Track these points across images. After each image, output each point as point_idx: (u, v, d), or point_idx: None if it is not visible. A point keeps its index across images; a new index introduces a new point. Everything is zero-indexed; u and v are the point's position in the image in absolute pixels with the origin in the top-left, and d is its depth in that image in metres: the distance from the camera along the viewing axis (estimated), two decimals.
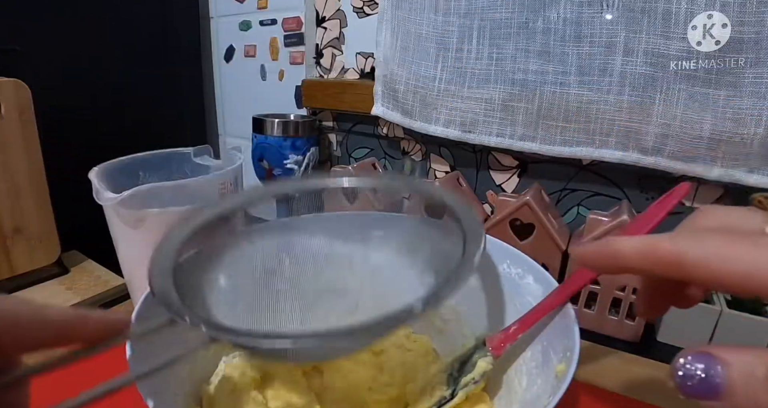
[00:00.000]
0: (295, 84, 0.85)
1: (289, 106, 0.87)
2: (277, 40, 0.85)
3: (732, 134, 0.49)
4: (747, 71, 0.47)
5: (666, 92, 0.51)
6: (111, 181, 0.50)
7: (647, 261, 0.20)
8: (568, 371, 0.29)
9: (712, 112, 0.49)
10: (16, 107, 0.55)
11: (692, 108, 0.50)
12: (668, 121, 0.52)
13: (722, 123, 0.49)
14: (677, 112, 0.51)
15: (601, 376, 0.45)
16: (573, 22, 0.54)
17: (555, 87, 0.57)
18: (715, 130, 0.50)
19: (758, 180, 0.50)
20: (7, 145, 0.55)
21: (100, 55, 0.77)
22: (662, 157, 0.54)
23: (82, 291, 0.57)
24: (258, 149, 0.77)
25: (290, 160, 0.76)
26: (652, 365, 0.47)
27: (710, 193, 0.56)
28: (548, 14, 0.55)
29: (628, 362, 0.48)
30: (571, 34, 0.55)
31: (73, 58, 0.74)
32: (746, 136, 0.48)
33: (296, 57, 0.83)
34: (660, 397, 0.43)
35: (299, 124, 0.76)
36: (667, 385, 0.44)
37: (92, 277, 0.61)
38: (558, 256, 0.54)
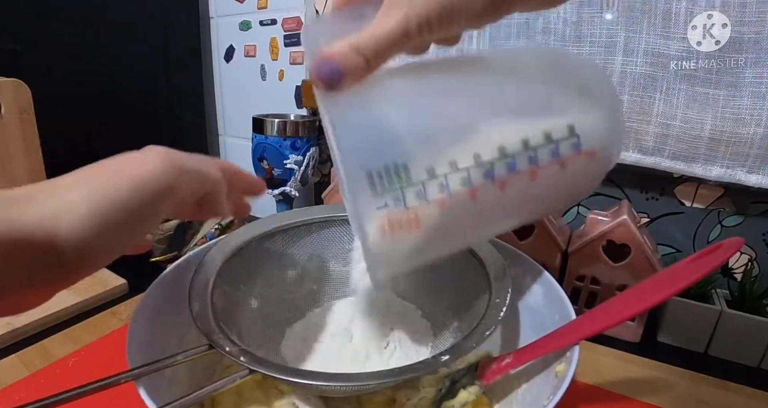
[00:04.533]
0: (295, 84, 0.85)
1: (289, 106, 0.87)
2: (277, 40, 0.85)
3: (732, 134, 0.49)
4: (747, 71, 0.47)
5: (666, 92, 0.51)
6: None
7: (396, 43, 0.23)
8: (568, 371, 0.29)
9: (712, 112, 0.49)
10: (16, 107, 0.55)
11: (692, 108, 0.50)
12: (668, 121, 0.52)
13: (722, 123, 0.49)
14: (677, 112, 0.51)
15: (601, 376, 0.45)
16: (573, 22, 0.54)
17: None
18: (715, 130, 0.50)
19: (758, 180, 0.50)
20: (7, 145, 0.55)
21: (100, 55, 0.77)
22: (662, 157, 0.54)
23: (82, 291, 0.57)
24: (258, 149, 0.77)
25: (290, 160, 0.76)
26: (652, 365, 0.47)
27: (710, 193, 0.56)
28: (548, 14, 0.55)
29: (628, 362, 0.48)
30: (571, 34, 0.55)
31: (73, 58, 0.74)
32: (746, 136, 0.48)
33: (296, 57, 0.83)
34: (660, 397, 0.43)
35: (299, 124, 0.76)
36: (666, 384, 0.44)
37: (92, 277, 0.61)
38: (558, 256, 0.54)
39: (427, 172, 0.24)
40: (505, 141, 0.25)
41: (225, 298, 0.37)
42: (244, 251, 0.40)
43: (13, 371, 0.44)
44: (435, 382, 0.36)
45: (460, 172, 0.24)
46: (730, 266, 0.57)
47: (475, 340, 0.30)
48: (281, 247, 0.43)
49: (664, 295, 0.30)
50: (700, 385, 0.44)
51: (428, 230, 0.25)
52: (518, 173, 0.25)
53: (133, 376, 0.28)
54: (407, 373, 0.28)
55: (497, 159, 0.25)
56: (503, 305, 0.32)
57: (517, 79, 0.28)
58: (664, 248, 0.60)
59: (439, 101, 0.26)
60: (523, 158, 0.25)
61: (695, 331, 0.50)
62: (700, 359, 0.50)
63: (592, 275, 0.53)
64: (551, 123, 0.26)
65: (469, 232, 0.29)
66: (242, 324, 0.39)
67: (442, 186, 0.24)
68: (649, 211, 0.59)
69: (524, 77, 0.28)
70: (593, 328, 0.31)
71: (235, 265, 0.39)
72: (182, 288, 0.34)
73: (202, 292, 0.34)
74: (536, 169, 0.26)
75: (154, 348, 0.33)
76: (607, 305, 0.33)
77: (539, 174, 0.26)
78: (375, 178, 0.23)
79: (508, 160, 0.25)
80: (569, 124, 0.26)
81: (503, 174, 0.25)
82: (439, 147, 0.25)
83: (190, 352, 0.31)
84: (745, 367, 0.48)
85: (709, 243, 0.57)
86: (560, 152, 0.26)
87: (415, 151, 0.24)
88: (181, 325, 0.37)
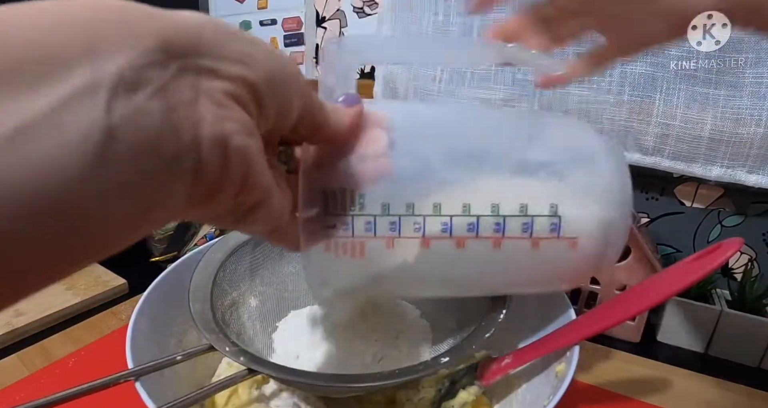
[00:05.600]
0: None
1: None
2: (277, 40, 0.85)
3: (732, 134, 0.49)
4: (747, 71, 0.47)
5: (666, 92, 0.51)
6: None
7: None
8: (568, 371, 0.29)
9: (712, 112, 0.49)
10: None
11: (692, 108, 0.50)
12: (668, 121, 0.52)
13: (722, 123, 0.49)
14: (677, 112, 0.51)
15: (601, 376, 0.45)
16: None
17: (555, 87, 0.57)
18: (715, 130, 0.50)
19: (758, 180, 0.50)
20: None
21: None
22: (662, 157, 0.54)
23: (82, 291, 0.57)
24: None
25: None
26: (652, 365, 0.47)
27: (710, 193, 0.56)
28: None
29: (628, 362, 0.48)
30: None
31: None
32: (746, 136, 0.48)
33: (296, 57, 0.83)
34: (660, 397, 0.43)
35: None
36: (666, 384, 0.44)
37: (92, 277, 0.61)
38: None
39: (381, 207, 0.23)
40: (473, 199, 0.24)
41: (225, 297, 0.37)
42: (243, 251, 0.40)
43: (13, 371, 0.44)
44: (435, 382, 0.36)
45: (415, 217, 0.24)
46: (730, 266, 0.57)
47: (475, 342, 0.30)
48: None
49: (664, 295, 0.30)
50: (700, 385, 0.44)
51: (372, 262, 0.24)
52: (480, 236, 0.24)
53: (133, 376, 0.28)
54: (407, 375, 0.28)
55: (458, 215, 0.24)
56: (503, 306, 0.32)
57: (518, 140, 0.26)
58: (664, 248, 0.60)
59: (425, 138, 0.25)
60: (489, 222, 0.24)
61: (695, 331, 0.50)
62: (700, 359, 0.50)
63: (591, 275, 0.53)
64: (532, 195, 0.24)
65: (418, 279, 0.28)
66: (242, 323, 0.39)
67: (393, 225, 0.24)
68: (649, 211, 0.59)
69: (527, 139, 0.26)
70: (593, 329, 0.31)
71: (234, 264, 0.39)
72: (182, 288, 0.34)
73: (202, 292, 0.34)
74: (500, 237, 0.24)
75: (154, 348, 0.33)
76: (607, 305, 0.33)
77: (504, 243, 0.24)
78: (330, 197, 0.23)
79: (471, 219, 0.24)
80: (553, 202, 0.24)
81: (462, 232, 0.24)
82: (401, 185, 0.24)
83: (190, 352, 0.31)
84: (745, 367, 0.48)
85: (709, 243, 0.57)
86: (534, 229, 0.24)
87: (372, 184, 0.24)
88: (181, 325, 0.37)
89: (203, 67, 0.15)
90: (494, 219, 0.24)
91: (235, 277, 0.39)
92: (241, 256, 0.39)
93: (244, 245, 0.40)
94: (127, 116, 0.12)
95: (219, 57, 0.15)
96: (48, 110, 0.11)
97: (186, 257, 0.41)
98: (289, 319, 0.42)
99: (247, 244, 0.40)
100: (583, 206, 0.25)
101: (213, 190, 0.16)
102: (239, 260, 0.39)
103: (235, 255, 0.39)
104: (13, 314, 0.52)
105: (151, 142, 0.13)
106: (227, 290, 0.38)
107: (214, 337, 0.30)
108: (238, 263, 0.39)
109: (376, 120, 0.24)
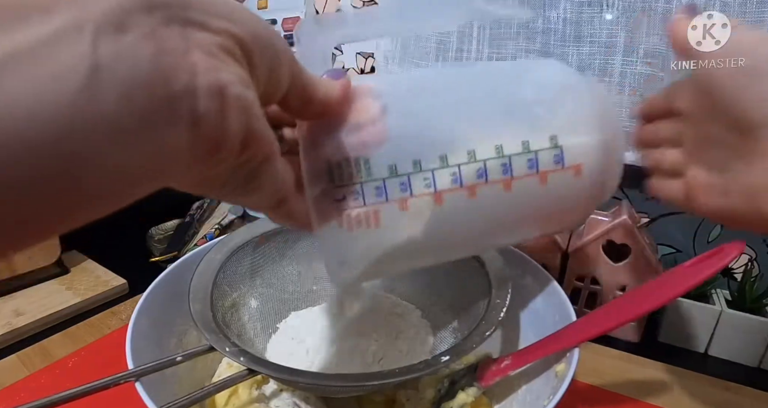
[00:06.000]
0: None
1: None
2: None
3: None
4: None
5: None
6: None
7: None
8: (568, 371, 0.29)
9: None
10: None
11: None
12: None
13: None
14: None
15: (601, 376, 0.45)
16: (573, 22, 0.54)
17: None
18: None
19: None
20: None
21: None
22: None
23: (82, 291, 0.57)
24: None
25: None
26: (652, 365, 0.47)
27: None
28: (548, 14, 0.55)
29: (628, 362, 0.48)
30: (571, 34, 0.55)
31: None
32: None
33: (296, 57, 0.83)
34: (660, 397, 0.43)
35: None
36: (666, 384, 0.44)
37: (92, 277, 0.61)
38: (558, 256, 0.54)
39: (388, 169, 0.23)
40: (476, 145, 0.24)
41: (225, 299, 0.37)
42: (244, 251, 0.40)
43: (13, 371, 0.44)
44: (434, 382, 0.36)
45: (423, 172, 0.24)
46: (730, 266, 0.57)
47: (475, 341, 0.30)
48: (281, 246, 0.43)
49: (665, 299, 0.30)
50: (700, 385, 0.44)
51: (389, 230, 0.24)
52: (490, 181, 0.24)
53: (133, 376, 0.28)
54: (407, 374, 0.28)
55: (465, 163, 0.24)
56: (503, 306, 0.32)
57: (505, 85, 0.27)
58: (664, 248, 0.60)
59: (416, 97, 0.25)
60: (496, 165, 0.24)
61: (695, 331, 0.50)
62: (700, 359, 0.50)
63: (592, 275, 0.53)
64: (533, 132, 0.25)
65: (438, 240, 0.27)
66: (242, 324, 0.39)
67: (404, 185, 0.23)
68: (649, 211, 0.59)
69: (514, 84, 0.27)
70: (593, 332, 0.31)
71: (234, 265, 0.39)
72: (182, 288, 0.34)
73: (202, 292, 0.34)
74: (510, 178, 0.24)
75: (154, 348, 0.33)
76: (607, 308, 0.33)
77: (514, 184, 0.25)
78: (334, 168, 0.23)
79: (478, 165, 0.24)
80: (552, 134, 0.25)
81: (472, 180, 0.24)
82: (403, 144, 0.24)
83: (191, 353, 0.31)
84: (745, 367, 0.48)
85: (709, 243, 0.57)
86: (539, 164, 0.25)
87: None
88: (181, 325, 0.37)
89: (190, 18, 0.14)
90: (500, 160, 0.24)
91: (236, 279, 0.39)
92: (241, 258, 0.40)
93: (244, 246, 0.40)
94: (115, 53, 0.12)
95: (205, 12, 0.15)
96: (34, 43, 0.11)
97: (186, 257, 0.41)
98: (289, 320, 0.42)
99: (247, 245, 0.40)
100: (579, 133, 0.25)
101: (214, 145, 0.15)
102: (239, 262, 0.39)
103: (235, 256, 0.39)
104: (13, 314, 0.52)
105: (142, 83, 0.13)
106: (227, 291, 0.38)
107: (215, 338, 0.30)
108: (238, 265, 0.39)
109: (364, 91, 0.24)
